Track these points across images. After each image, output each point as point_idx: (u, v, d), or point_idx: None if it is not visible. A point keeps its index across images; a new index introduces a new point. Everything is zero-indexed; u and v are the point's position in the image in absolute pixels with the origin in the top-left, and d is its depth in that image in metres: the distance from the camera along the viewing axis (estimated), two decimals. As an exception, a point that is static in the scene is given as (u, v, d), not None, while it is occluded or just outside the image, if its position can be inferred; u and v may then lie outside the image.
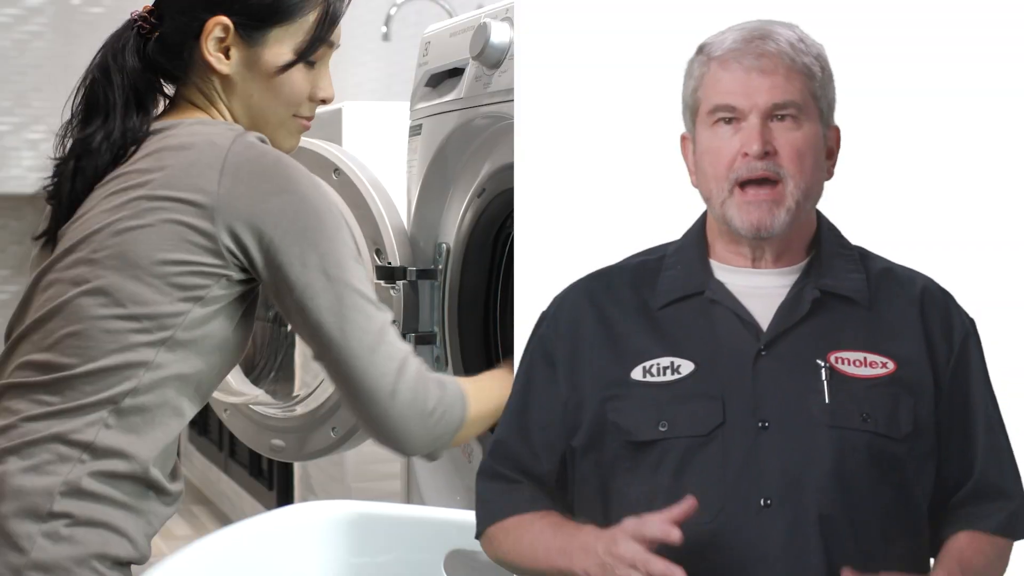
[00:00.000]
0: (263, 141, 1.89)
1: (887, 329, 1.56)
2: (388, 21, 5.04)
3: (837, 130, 1.60)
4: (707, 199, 1.59)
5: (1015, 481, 1.58)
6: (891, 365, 1.54)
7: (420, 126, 2.66)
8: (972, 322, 1.60)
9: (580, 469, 1.59)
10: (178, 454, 1.91)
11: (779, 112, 1.55)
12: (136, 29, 1.94)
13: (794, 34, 1.57)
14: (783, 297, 1.56)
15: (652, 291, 1.60)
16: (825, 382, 1.52)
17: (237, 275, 1.83)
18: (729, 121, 1.56)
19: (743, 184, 1.55)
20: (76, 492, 1.74)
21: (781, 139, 1.54)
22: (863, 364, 1.53)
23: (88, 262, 1.81)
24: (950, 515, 1.56)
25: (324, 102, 2.00)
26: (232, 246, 1.80)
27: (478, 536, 1.63)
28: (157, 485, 1.82)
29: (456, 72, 2.55)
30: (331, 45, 1.98)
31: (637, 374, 1.56)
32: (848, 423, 1.51)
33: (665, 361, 1.55)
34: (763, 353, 1.53)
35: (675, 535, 1.44)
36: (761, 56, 1.55)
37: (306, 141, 2.83)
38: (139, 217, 1.80)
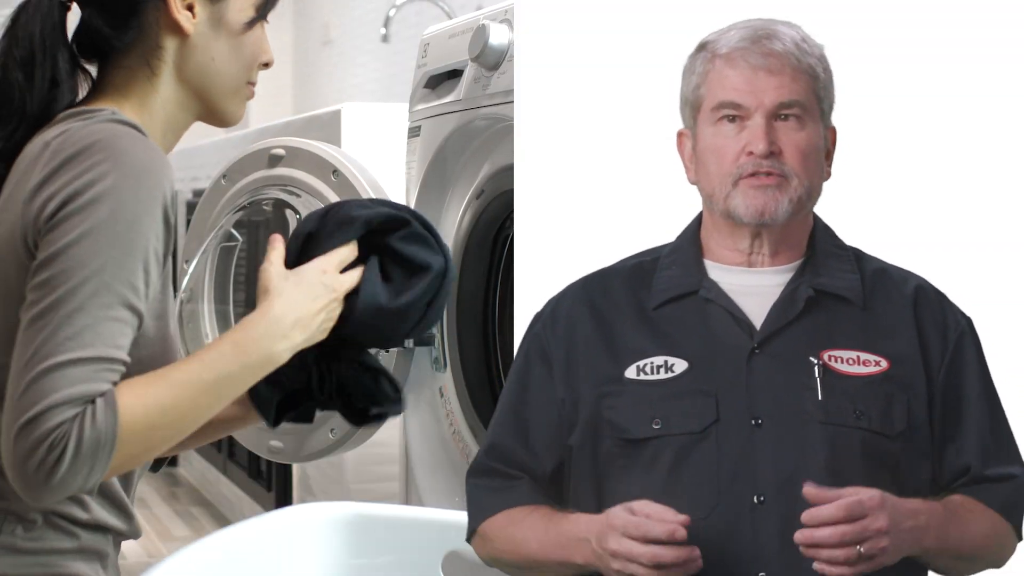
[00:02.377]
0: (132, 126, 1.66)
1: (881, 328, 1.56)
2: (387, 23, 5.05)
3: (834, 131, 1.61)
4: (708, 195, 1.59)
5: (1021, 471, 1.58)
6: (884, 363, 1.54)
7: (419, 127, 2.66)
8: (969, 321, 1.60)
9: (576, 467, 1.59)
10: (132, 490, 1.76)
11: (784, 112, 1.55)
12: (58, 6, 1.73)
13: (798, 34, 1.58)
14: (777, 296, 1.56)
15: (647, 291, 1.60)
16: (818, 379, 1.52)
17: None
18: (733, 119, 1.56)
19: (748, 175, 1.55)
20: (10, 550, 1.64)
21: (785, 139, 1.55)
22: (856, 362, 1.54)
23: None
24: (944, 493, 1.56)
25: (267, 66, 1.84)
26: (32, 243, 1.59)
27: (469, 538, 1.63)
28: (104, 526, 1.71)
29: (455, 74, 2.55)
30: (275, 3, 1.84)
31: (631, 372, 1.56)
32: (841, 420, 1.51)
33: (659, 360, 1.56)
34: (757, 351, 1.54)
35: (681, 534, 1.44)
36: (768, 55, 1.55)
37: (304, 142, 2.83)
38: None
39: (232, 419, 1.86)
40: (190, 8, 1.73)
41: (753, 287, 1.58)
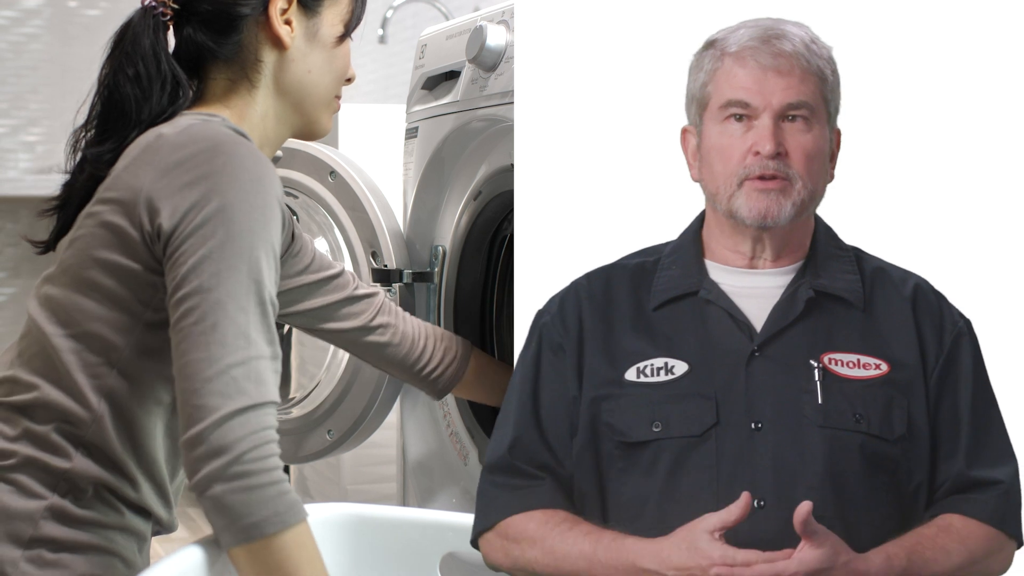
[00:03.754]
0: (242, 135, 1.73)
1: (881, 330, 1.56)
2: (384, 24, 5.04)
3: (839, 133, 1.61)
4: (712, 194, 1.59)
5: (1008, 476, 1.58)
6: (884, 367, 1.54)
7: (416, 129, 2.66)
8: (967, 322, 1.60)
9: (579, 469, 1.58)
10: (175, 484, 1.83)
11: (791, 113, 1.55)
12: (155, 18, 1.80)
13: (807, 35, 1.58)
14: (778, 298, 1.56)
15: (648, 292, 1.60)
16: (818, 383, 1.52)
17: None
18: (740, 118, 1.56)
19: (753, 177, 1.55)
20: (59, 516, 1.69)
21: (792, 141, 1.55)
22: (856, 365, 1.54)
23: (49, 278, 1.75)
24: (934, 506, 1.56)
25: (350, 81, 1.93)
26: (149, 233, 1.66)
27: (479, 534, 1.60)
28: (147, 509, 1.77)
29: (452, 75, 2.55)
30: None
31: (631, 374, 1.56)
32: (841, 424, 1.51)
33: (659, 361, 1.55)
34: (756, 354, 1.54)
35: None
36: (778, 55, 1.55)
37: (301, 143, 2.83)
38: (81, 227, 1.73)
39: None
40: (288, 23, 1.80)
41: (754, 288, 1.58)
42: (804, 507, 1.41)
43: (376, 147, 3.12)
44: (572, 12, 1.74)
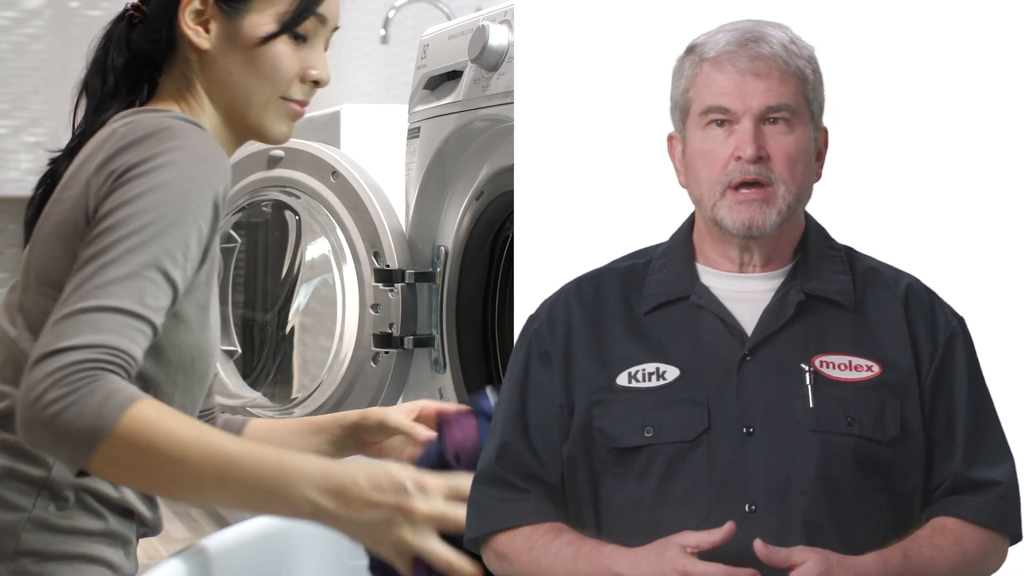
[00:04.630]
0: (196, 125, 1.72)
1: (872, 332, 1.55)
2: (386, 24, 5.04)
3: (825, 132, 1.60)
4: (698, 201, 1.59)
5: (1006, 476, 1.56)
6: (876, 368, 1.53)
7: (418, 129, 2.66)
8: (961, 321, 1.59)
9: (572, 476, 1.57)
10: None
11: (772, 115, 1.54)
12: (128, 19, 1.84)
13: (786, 35, 1.57)
14: (768, 301, 1.55)
15: (639, 295, 1.59)
16: (809, 386, 1.51)
17: None
18: (721, 123, 1.55)
19: (735, 186, 1.54)
20: (42, 527, 1.67)
21: (774, 143, 1.54)
22: (848, 368, 1.52)
23: (14, 285, 1.73)
24: (931, 508, 1.55)
25: (317, 84, 1.84)
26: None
27: (469, 542, 1.59)
28: (131, 509, 1.75)
29: (454, 75, 2.55)
30: (322, 20, 1.83)
31: (623, 380, 1.55)
32: (833, 427, 1.50)
33: (651, 367, 1.54)
34: (748, 358, 1.52)
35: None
36: (756, 59, 1.54)
37: (303, 143, 2.84)
38: (41, 228, 1.72)
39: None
40: (205, 23, 1.75)
41: (744, 293, 1.57)
42: (758, 544, 1.42)
43: (378, 147, 3.12)
44: (572, 12, 1.74)
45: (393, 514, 1.54)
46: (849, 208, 1.65)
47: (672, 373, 1.53)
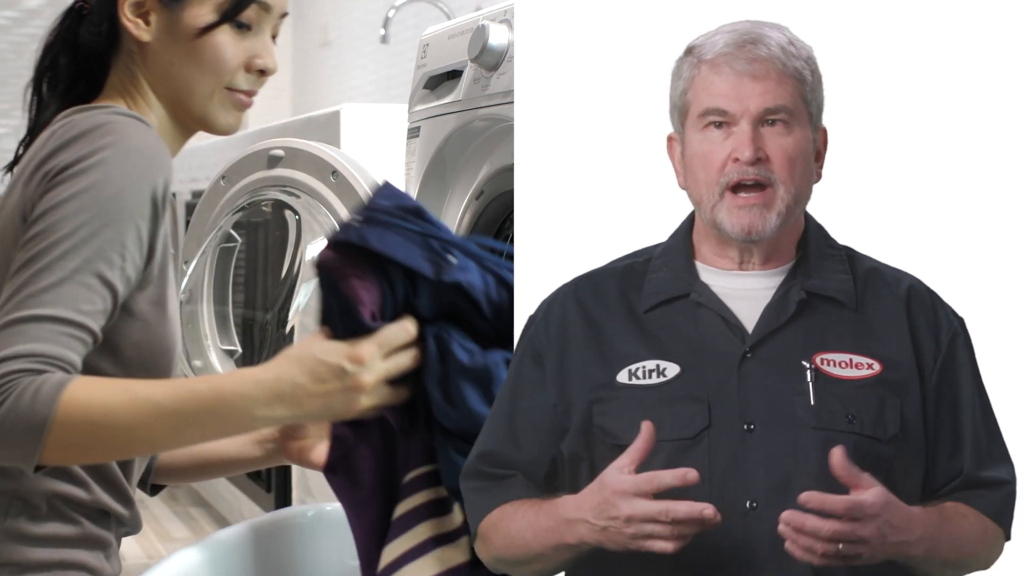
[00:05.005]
0: (138, 119, 1.70)
1: (873, 330, 1.56)
2: (386, 23, 5.05)
3: (825, 132, 1.60)
4: (697, 203, 1.59)
5: (1009, 474, 1.58)
6: (877, 366, 1.54)
7: (418, 128, 2.66)
8: (961, 321, 1.60)
9: (570, 474, 1.58)
10: (132, 479, 1.80)
11: (770, 117, 1.55)
12: (75, 13, 1.82)
13: (784, 37, 1.57)
14: (769, 299, 1.56)
15: (638, 294, 1.60)
16: (810, 384, 1.51)
17: None
18: (720, 125, 1.56)
19: (734, 188, 1.55)
20: (17, 538, 1.67)
21: (772, 145, 1.54)
22: (849, 365, 1.53)
23: None
24: (938, 500, 1.56)
25: (263, 73, 1.81)
26: None
27: (471, 542, 1.62)
28: (106, 511, 1.74)
29: (454, 74, 2.55)
30: (266, 7, 1.80)
31: (623, 377, 1.55)
32: (834, 425, 1.50)
33: (651, 364, 1.55)
34: (748, 356, 1.53)
35: (693, 475, 1.43)
36: (753, 61, 1.55)
37: (303, 143, 2.84)
38: None
39: (247, 460, 1.88)
40: (145, 14, 1.74)
41: (745, 290, 1.57)
42: (838, 452, 1.41)
43: (378, 147, 3.12)
44: (572, 12, 1.73)
45: (345, 394, 1.57)
46: (849, 208, 1.65)
47: (672, 370, 1.54)
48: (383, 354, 1.60)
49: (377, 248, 1.62)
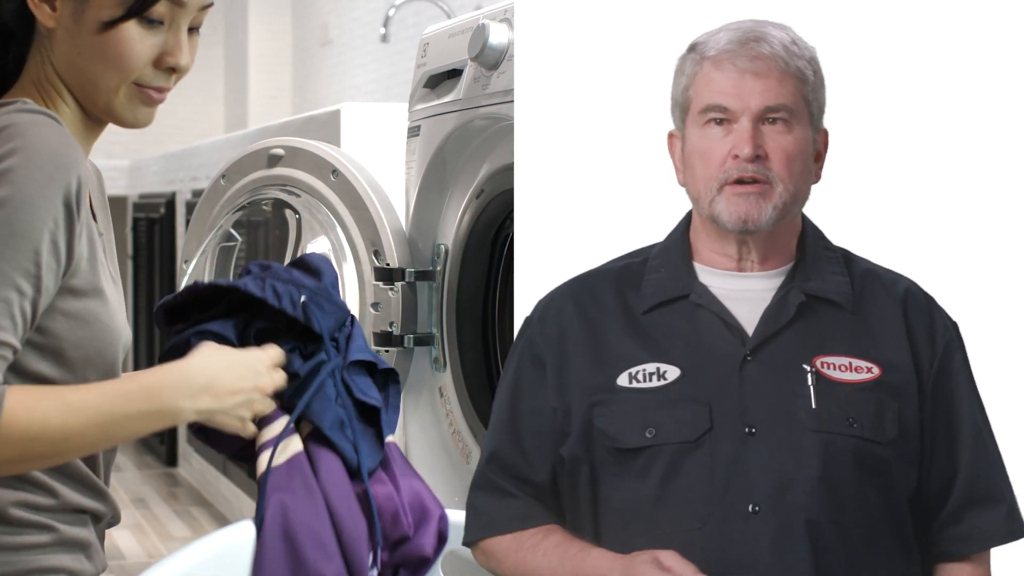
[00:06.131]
0: (47, 115, 1.63)
1: (871, 333, 1.56)
2: (387, 22, 5.04)
3: (826, 133, 1.60)
4: (695, 198, 1.59)
5: (1004, 483, 1.59)
6: (876, 370, 1.54)
7: (419, 127, 2.66)
8: (955, 325, 1.60)
9: (570, 477, 1.58)
10: (100, 471, 1.74)
11: (771, 115, 1.55)
12: None
13: (788, 36, 1.57)
14: (768, 301, 1.56)
15: (637, 295, 1.59)
16: (811, 387, 1.52)
17: None
18: (720, 122, 1.55)
19: (733, 183, 1.54)
20: None
21: (772, 143, 1.54)
22: (848, 369, 1.53)
23: None
24: (941, 535, 1.57)
25: (175, 71, 1.71)
26: None
27: (468, 544, 1.64)
28: (78, 508, 1.69)
29: (455, 73, 2.55)
30: (179, 3, 1.70)
31: (623, 380, 1.55)
32: (835, 428, 1.50)
33: (651, 367, 1.55)
34: (749, 358, 1.53)
35: None
36: (755, 58, 1.54)
37: (304, 142, 2.83)
38: None
39: None
40: (52, 1, 1.67)
41: (744, 292, 1.57)
42: None
43: (378, 146, 3.11)
44: (572, 11, 1.73)
45: (254, 394, 1.64)
46: (849, 210, 1.65)
47: (673, 373, 1.54)
48: (277, 365, 1.69)
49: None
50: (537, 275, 1.71)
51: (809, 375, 1.52)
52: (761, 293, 1.56)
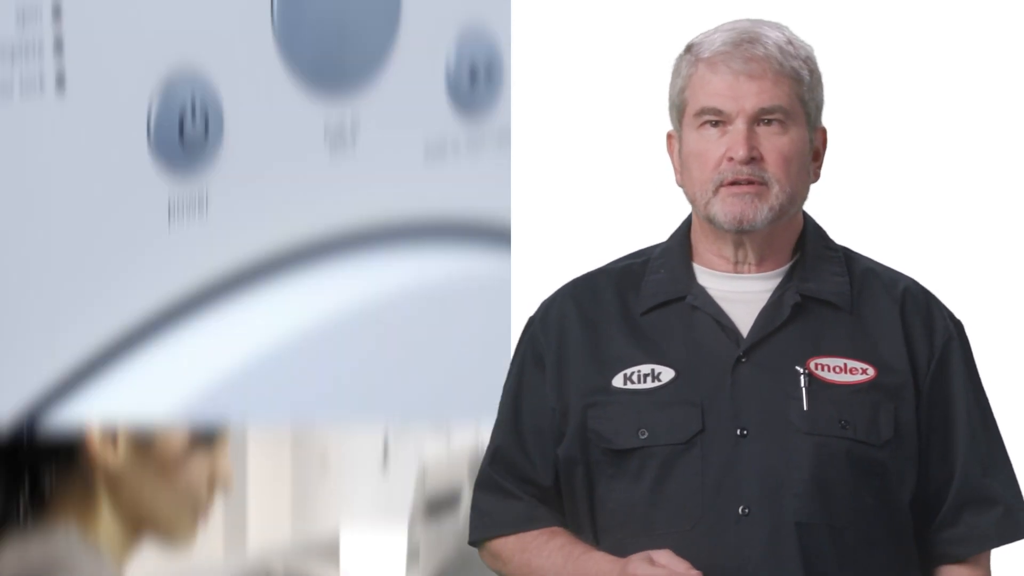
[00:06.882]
0: None
1: (868, 334, 1.56)
2: (385, 450, 5.11)
3: (824, 132, 1.60)
4: (692, 199, 1.58)
5: (1003, 484, 1.58)
6: (871, 371, 1.53)
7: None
8: (959, 324, 1.60)
9: (567, 478, 1.58)
10: None
11: (766, 117, 1.54)
12: None
13: (783, 36, 1.57)
14: (764, 302, 1.56)
15: (636, 296, 1.60)
16: (804, 389, 1.51)
17: None
18: (716, 124, 1.55)
19: (728, 184, 1.54)
20: None
21: (767, 144, 1.54)
22: (843, 370, 1.53)
23: None
24: (938, 537, 1.56)
25: None
26: None
27: (474, 544, 1.63)
28: None
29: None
30: None
31: (618, 381, 1.55)
32: (827, 430, 1.50)
33: (646, 368, 1.55)
34: (743, 360, 1.53)
35: None
36: (750, 60, 1.54)
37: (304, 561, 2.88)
38: None
39: None
40: None
41: (741, 293, 1.57)
42: None
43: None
44: (572, 11, 1.73)
45: None
46: (848, 209, 1.64)
47: (667, 374, 1.54)
48: None
49: None
50: (537, 275, 1.69)
51: (802, 377, 1.51)
52: (758, 295, 1.56)
